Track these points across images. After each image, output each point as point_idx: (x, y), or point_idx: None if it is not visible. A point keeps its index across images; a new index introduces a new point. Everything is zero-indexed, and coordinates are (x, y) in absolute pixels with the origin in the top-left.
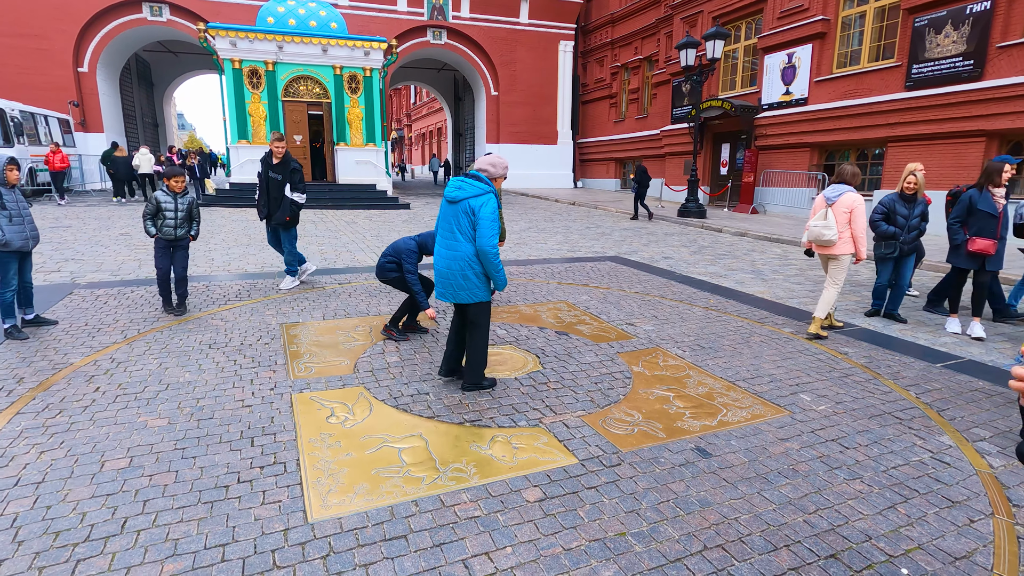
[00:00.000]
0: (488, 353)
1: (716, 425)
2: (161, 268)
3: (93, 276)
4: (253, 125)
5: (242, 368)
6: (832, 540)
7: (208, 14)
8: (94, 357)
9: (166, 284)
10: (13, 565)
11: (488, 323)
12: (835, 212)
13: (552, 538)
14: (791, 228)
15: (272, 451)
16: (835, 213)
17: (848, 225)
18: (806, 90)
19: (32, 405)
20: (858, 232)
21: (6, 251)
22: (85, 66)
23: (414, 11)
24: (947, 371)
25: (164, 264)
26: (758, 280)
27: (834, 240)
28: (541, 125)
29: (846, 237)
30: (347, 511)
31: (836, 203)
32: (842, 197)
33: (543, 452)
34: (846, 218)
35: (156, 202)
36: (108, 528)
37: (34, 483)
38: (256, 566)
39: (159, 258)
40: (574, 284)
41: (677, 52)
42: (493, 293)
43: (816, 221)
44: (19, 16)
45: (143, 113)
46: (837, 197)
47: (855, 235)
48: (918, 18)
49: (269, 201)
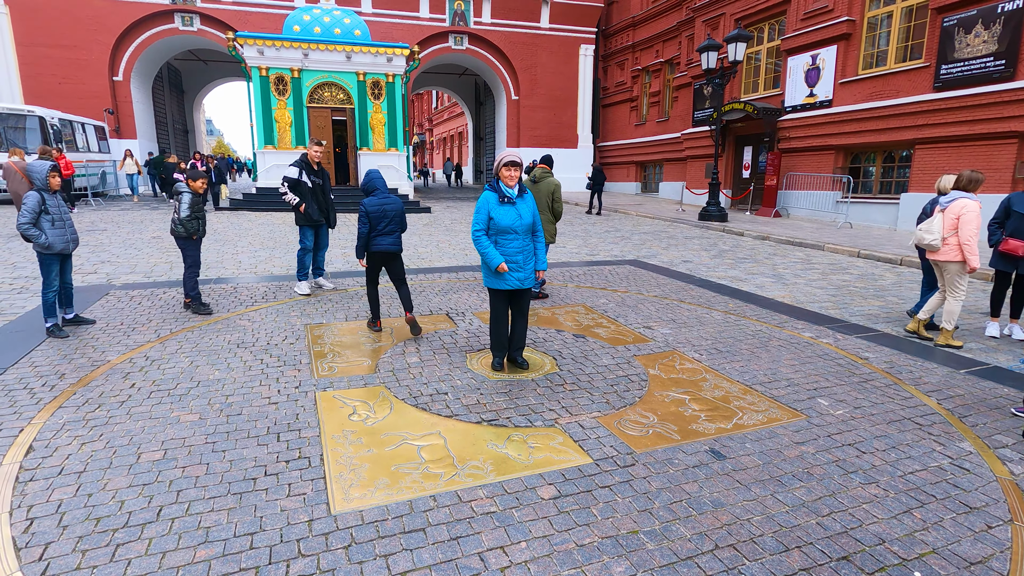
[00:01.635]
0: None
1: (731, 428)
2: (197, 265)
3: (127, 277)
4: (279, 131)
5: (269, 367)
6: (845, 542)
7: (237, 23)
8: (130, 355)
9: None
10: (58, 548)
11: (492, 304)
12: (944, 217)
13: (565, 534)
14: (815, 232)
15: (297, 446)
16: (944, 218)
17: (954, 232)
18: (831, 92)
19: (73, 400)
20: (963, 239)
21: (49, 253)
22: (120, 75)
23: (436, 17)
24: (971, 377)
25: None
26: (779, 284)
27: (936, 246)
28: (561, 129)
29: (952, 243)
30: (368, 504)
31: (947, 208)
32: (954, 203)
33: (558, 451)
34: (953, 224)
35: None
36: (145, 515)
37: (76, 472)
38: (282, 554)
39: (195, 256)
40: (592, 287)
41: (698, 55)
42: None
43: (923, 224)
44: (59, 28)
45: (174, 120)
46: (950, 203)
47: (961, 242)
48: (947, 17)
49: (328, 204)
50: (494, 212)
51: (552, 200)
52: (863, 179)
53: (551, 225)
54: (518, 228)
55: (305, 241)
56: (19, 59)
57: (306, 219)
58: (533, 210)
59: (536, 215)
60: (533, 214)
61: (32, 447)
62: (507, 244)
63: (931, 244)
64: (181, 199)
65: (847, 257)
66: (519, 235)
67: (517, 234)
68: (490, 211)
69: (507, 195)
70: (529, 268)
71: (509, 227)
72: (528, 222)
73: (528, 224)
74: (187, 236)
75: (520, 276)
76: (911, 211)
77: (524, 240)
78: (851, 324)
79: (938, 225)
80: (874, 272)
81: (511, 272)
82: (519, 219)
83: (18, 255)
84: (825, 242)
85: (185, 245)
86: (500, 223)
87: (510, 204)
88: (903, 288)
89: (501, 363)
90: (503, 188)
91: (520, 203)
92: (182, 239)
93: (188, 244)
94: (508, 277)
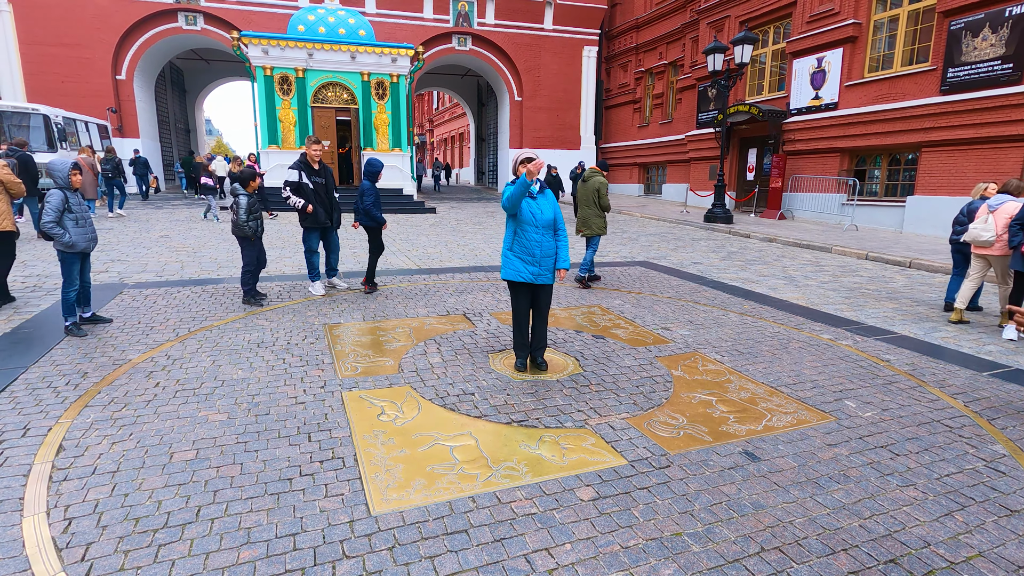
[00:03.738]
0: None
1: (762, 430)
2: (253, 263)
3: (140, 276)
4: (283, 130)
5: (291, 367)
6: (890, 545)
7: (241, 23)
8: (150, 354)
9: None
10: (100, 548)
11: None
12: (996, 217)
13: (609, 536)
14: (821, 234)
15: (329, 446)
16: (996, 218)
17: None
18: (836, 94)
19: (98, 399)
20: None
21: (72, 252)
22: (123, 74)
23: (440, 18)
24: (995, 380)
25: (255, 260)
26: (791, 286)
27: (991, 241)
28: (564, 130)
29: (1005, 240)
30: (407, 505)
31: (998, 210)
32: (1004, 204)
33: (592, 452)
34: (1005, 222)
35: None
36: (183, 516)
37: (110, 472)
38: (326, 555)
39: (252, 255)
40: (605, 288)
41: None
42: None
43: (977, 224)
44: (62, 27)
45: (176, 119)
46: (999, 205)
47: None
48: (954, 21)
49: (332, 205)
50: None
51: (598, 196)
52: (868, 182)
53: (599, 219)
54: (538, 222)
55: (311, 243)
56: (22, 57)
57: (313, 221)
58: (555, 208)
59: (558, 214)
60: (554, 211)
61: (62, 446)
62: (525, 236)
63: (987, 240)
64: (238, 201)
65: (856, 259)
66: (539, 228)
67: (536, 227)
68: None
69: (531, 191)
70: (546, 265)
71: (528, 219)
72: (548, 217)
73: (548, 220)
74: (246, 237)
75: (534, 270)
76: (917, 214)
77: (542, 235)
78: (868, 326)
79: (992, 224)
80: (884, 274)
81: (525, 264)
82: (540, 212)
83: (27, 253)
84: (833, 244)
85: (244, 245)
86: (522, 213)
87: (531, 198)
88: (914, 290)
89: (524, 363)
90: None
91: (541, 199)
92: (242, 239)
93: (246, 244)
94: (522, 269)
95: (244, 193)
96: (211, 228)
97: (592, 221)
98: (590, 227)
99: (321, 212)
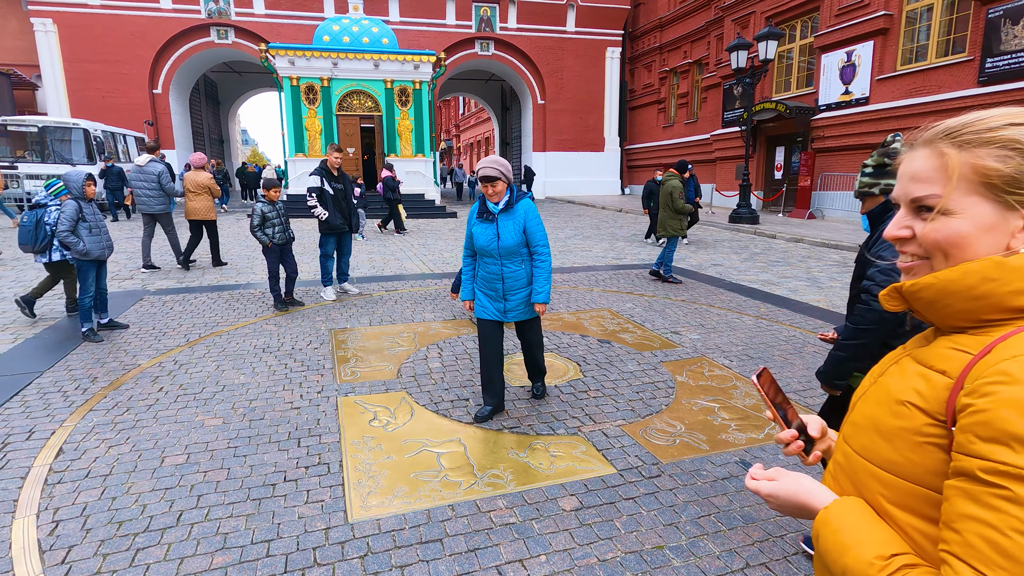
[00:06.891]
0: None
1: (763, 439)
2: (273, 270)
3: (161, 283)
4: (309, 139)
5: (292, 372)
6: None
7: (269, 35)
8: (159, 359)
9: (277, 283)
10: (81, 551)
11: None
12: None
13: (587, 548)
14: (851, 233)
15: (317, 452)
16: None
17: None
18: (867, 89)
19: (103, 403)
20: None
21: (87, 260)
22: (159, 87)
23: (462, 24)
24: None
25: (275, 267)
26: (814, 288)
27: None
28: (588, 132)
29: None
30: (386, 513)
31: None
32: None
33: (581, 461)
34: None
35: (261, 212)
36: (165, 520)
37: (102, 475)
38: (298, 562)
39: (272, 262)
40: (618, 291)
41: (728, 54)
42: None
43: None
44: (102, 44)
45: (210, 130)
46: None
47: None
48: (992, 8)
49: (350, 211)
50: (473, 228)
51: (671, 199)
52: None
53: (674, 221)
54: (493, 250)
55: (327, 248)
56: (66, 74)
57: (328, 227)
58: (523, 229)
59: (532, 235)
60: (521, 233)
61: (62, 449)
62: (485, 267)
63: None
64: (254, 209)
65: None
66: (497, 258)
67: (493, 257)
68: (471, 227)
69: (489, 209)
70: (515, 300)
71: (484, 248)
72: (509, 243)
73: (509, 246)
74: (262, 244)
75: (500, 306)
76: None
77: (501, 265)
78: None
79: None
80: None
81: (490, 300)
82: (495, 239)
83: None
84: None
85: (263, 252)
86: (476, 241)
87: (490, 221)
88: None
89: (489, 414)
90: (487, 203)
91: (504, 219)
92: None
93: (265, 251)
94: (488, 305)
95: (262, 201)
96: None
97: (668, 223)
98: (666, 229)
99: (336, 216)
